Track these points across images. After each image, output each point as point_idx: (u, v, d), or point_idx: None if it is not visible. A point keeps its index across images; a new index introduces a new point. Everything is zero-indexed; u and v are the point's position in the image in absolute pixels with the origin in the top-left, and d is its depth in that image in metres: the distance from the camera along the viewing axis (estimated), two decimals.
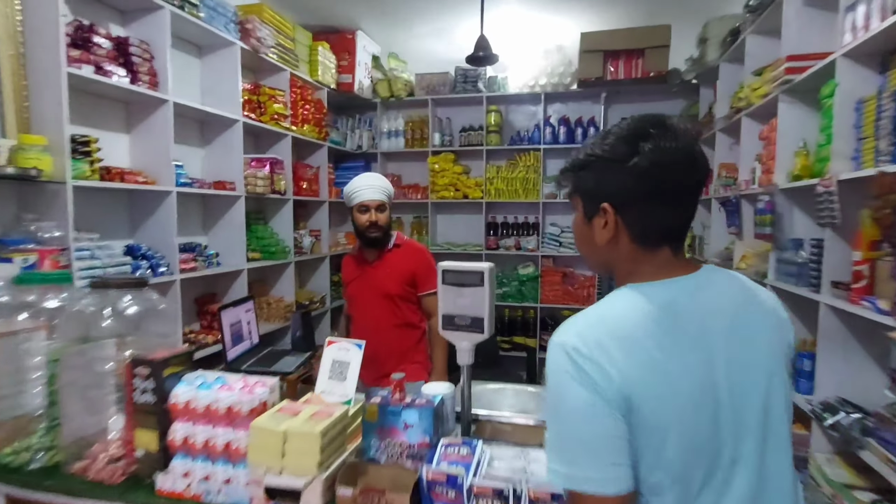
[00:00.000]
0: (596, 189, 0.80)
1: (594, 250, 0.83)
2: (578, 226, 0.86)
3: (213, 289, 3.09)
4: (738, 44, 2.92)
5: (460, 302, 1.18)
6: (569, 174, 0.86)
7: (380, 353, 2.06)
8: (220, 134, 3.01)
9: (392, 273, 2.12)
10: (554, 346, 0.72)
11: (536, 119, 4.28)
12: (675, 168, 0.75)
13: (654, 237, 0.79)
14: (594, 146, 0.80)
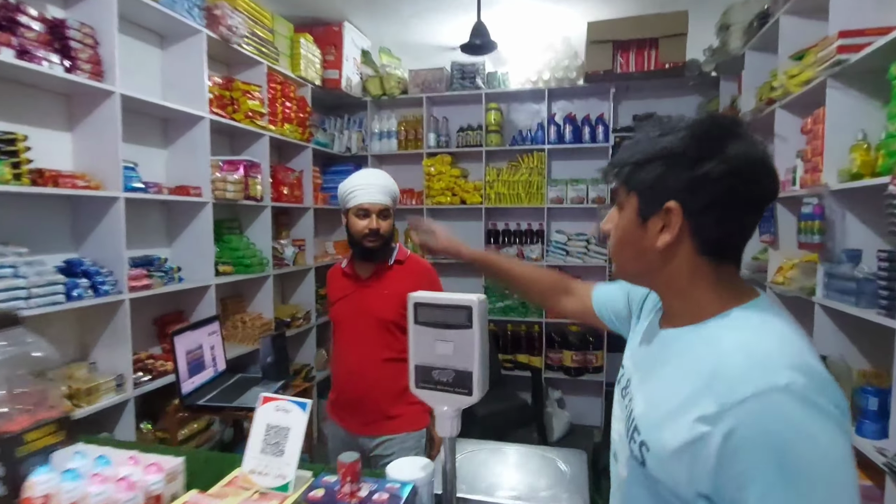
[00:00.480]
0: (663, 186, 0.70)
1: (641, 255, 0.74)
2: (624, 226, 0.75)
3: (179, 306, 2.75)
4: (767, 28, 2.58)
5: (440, 349, 0.84)
6: (626, 167, 0.74)
7: (369, 394, 1.73)
8: (185, 133, 2.68)
9: (390, 295, 1.70)
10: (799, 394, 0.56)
11: (540, 117, 3.94)
12: (759, 174, 0.67)
13: (724, 249, 0.71)
14: (667, 140, 0.70)
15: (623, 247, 0.76)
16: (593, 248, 3.79)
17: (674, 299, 0.75)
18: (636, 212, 0.73)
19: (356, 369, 1.75)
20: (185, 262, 2.68)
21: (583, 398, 3.99)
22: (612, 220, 0.78)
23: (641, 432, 0.71)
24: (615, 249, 0.78)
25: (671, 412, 0.66)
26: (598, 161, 3.87)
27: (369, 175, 1.73)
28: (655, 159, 0.70)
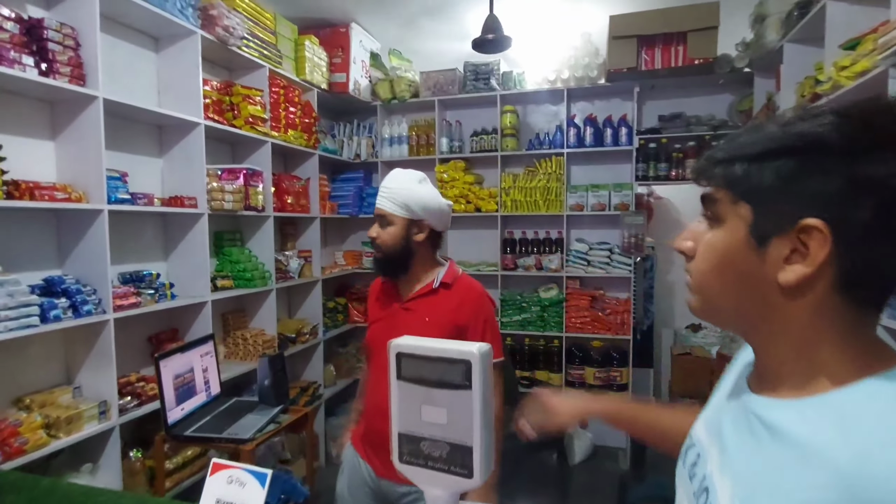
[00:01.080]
0: (799, 194, 0.49)
1: (747, 290, 0.53)
2: (726, 247, 0.55)
3: (174, 323, 2.60)
4: (812, 16, 2.33)
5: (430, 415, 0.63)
6: (734, 164, 0.53)
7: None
8: (180, 141, 2.53)
9: (432, 323, 1.45)
10: None
11: (558, 119, 3.72)
12: None
13: (873, 289, 0.50)
14: (808, 125, 0.49)
15: (718, 275, 0.55)
16: (617, 258, 3.55)
17: (784, 353, 0.53)
18: (747, 229, 0.52)
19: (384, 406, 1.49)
20: (180, 277, 2.53)
21: None
22: (697, 237, 0.58)
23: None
24: (704, 277, 0.57)
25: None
26: (621, 165, 3.63)
27: (389, 176, 1.53)
28: (791, 152, 0.49)
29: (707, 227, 0.57)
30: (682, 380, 4.06)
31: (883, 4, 1.79)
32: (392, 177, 1.51)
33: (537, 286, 3.78)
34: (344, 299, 3.96)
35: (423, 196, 1.47)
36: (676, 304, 4.75)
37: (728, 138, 0.57)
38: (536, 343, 3.73)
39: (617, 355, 3.58)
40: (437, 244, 1.55)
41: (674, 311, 4.76)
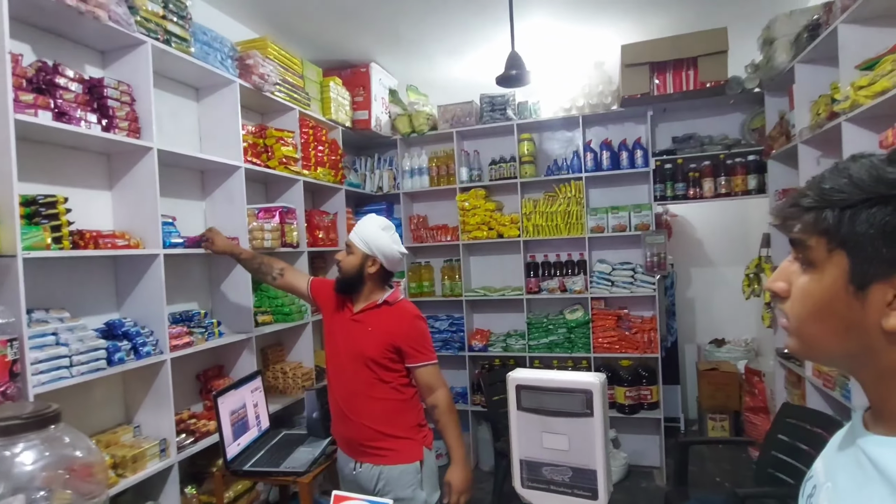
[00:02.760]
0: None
1: (850, 335, 0.54)
2: (824, 293, 0.55)
3: (220, 360, 2.67)
4: (823, 38, 2.44)
5: (551, 441, 0.70)
6: (826, 212, 0.53)
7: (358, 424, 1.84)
8: (221, 184, 2.64)
9: (373, 334, 1.84)
10: None
11: (574, 145, 3.83)
12: None
13: None
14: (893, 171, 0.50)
15: (819, 321, 0.56)
16: (640, 277, 3.61)
17: (890, 393, 0.54)
18: (846, 276, 0.53)
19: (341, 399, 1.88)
20: (226, 314, 2.61)
21: (639, 436, 3.75)
22: (790, 279, 0.59)
23: None
24: (803, 322, 0.57)
25: None
26: (638, 186, 3.73)
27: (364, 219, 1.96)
28: (882, 202, 0.49)
29: (800, 270, 0.58)
30: (710, 395, 4.08)
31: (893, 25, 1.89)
32: (365, 219, 1.93)
33: (562, 308, 3.84)
34: None
35: (381, 241, 1.86)
36: (697, 320, 4.80)
37: (811, 183, 0.57)
38: (564, 365, 3.77)
39: (646, 373, 3.61)
40: (385, 277, 1.92)
41: (695, 326, 4.80)
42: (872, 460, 0.53)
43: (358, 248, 1.87)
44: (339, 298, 1.96)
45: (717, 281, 4.62)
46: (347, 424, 1.87)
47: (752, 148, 3.47)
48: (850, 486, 0.56)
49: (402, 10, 3.05)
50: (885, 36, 2.07)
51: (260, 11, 2.99)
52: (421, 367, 1.83)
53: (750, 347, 4.36)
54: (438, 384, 1.84)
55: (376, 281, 1.90)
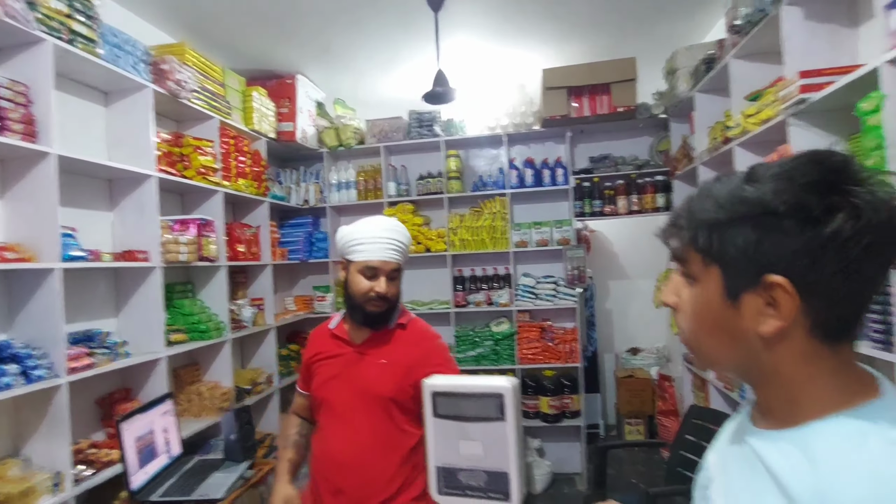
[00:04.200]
0: (760, 257, 0.53)
1: (734, 342, 0.57)
2: (704, 305, 0.59)
3: (126, 383, 2.48)
4: (717, 71, 2.69)
5: (466, 447, 0.71)
6: (699, 231, 0.57)
7: (360, 490, 1.42)
8: (131, 194, 2.48)
9: (389, 365, 1.44)
10: None
11: (499, 162, 3.96)
12: (889, 231, 0.50)
13: (845, 328, 0.55)
14: (756, 192, 0.53)
15: (708, 333, 0.59)
16: (562, 290, 3.77)
17: (773, 393, 0.58)
18: (721, 289, 0.56)
19: (342, 458, 1.44)
20: (132, 333, 2.43)
21: (562, 444, 3.87)
22: (678, 292, 0.62)
23: None
24: (697, 337, 0.61)
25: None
26: (559, 203, 3.90)
27: (381, 226, 1.44)
28: (744, 220, 0.53)
29: (685, 283, 0.61)
30: (627, 401, 4.30)
31: (777, 62, 2.12)
32: (387, 226, 1.46)
33: (489, 321, 3.91)
34: (296, 346, 3.90)
35: (338, 235, 1.49)
36: (615, 330, 5.05)
37: (684, 204, 0.61)
38: None
39: (568, 383, 3.75)
40: None
41: (613, 336, 5.05)
42: (759, 455, 0.57)
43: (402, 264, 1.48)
44: (326, 338, 1.55)
45: (633, 292, 4.90)
46: (350, 493, 1.42)
47: (660, 168, 3.75)
48: (742, 480, 0.60)
49: (331, 24, 3.05)
50: (768, 70, 2.32)
51: (177, 16, 2.87)
52: None
53: (661, 354, 4.65)
54: None
55: None
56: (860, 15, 1.87)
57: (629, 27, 3.26)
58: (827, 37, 1.89)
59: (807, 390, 0.55)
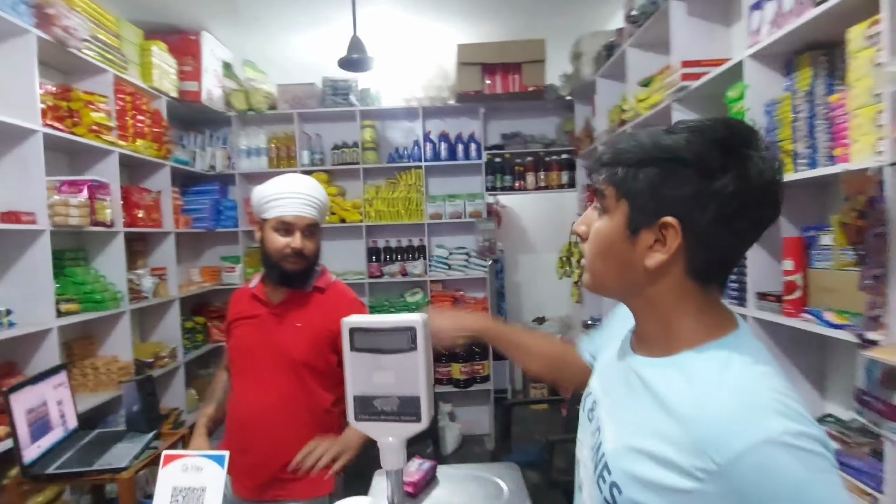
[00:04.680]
0: (662, 196, 0.61)
1: (623, 271, 0.66)
2: (608, 235, 0.66)
3: (10, 356, 2.28)
4: (616, 58, 2.91)
5: (380, 377, 0.78)
6: (619, 168, 0.64)
7: (265, 450, 1.43)
8: (12, 150, 2.25)
9: (304, 329, 1.45)
10: (789, 443, 0.53)
11: (415, 135, 4.01)
12: (774, 194, 0.61)
13: (715, 273, 0.65)
14: (673, 142, 0.60)
15: (603, 258, 0.68)
16: (473, 261, 3.93)
17: (652, 322, 0.67)
18: (625, 222, 0.64)
19: (249, 418, 1.45)
20: (16, 303, 2.23)
21: (473, 408, 4.08)
22: (589, 223, 0.70)
23: (612, 472, 0.65)
24: (594, 259, 0.69)
25: (649, 458, 0.60)
26: (473, 177, 4.03)
27: (295, 182, 1.45)
28: (657, 162, 0.61)
29: (597, 216, 0.68)
30: None
31: (666, 52, 2.35)
32: (300, 182, 1.47)
33: (403, 291, 4.00)
34: (203, 318, 3.75)
35: (253, 194, 1.48)
36: (523, 301, 5.35)
37: (611, 142, 0.69)
38: None
39: (479, 350, 3.95)
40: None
41: (521, 307, 5.35)
42: (642, 379, 0.66)
43: (319, 225, 1.48)
44: (245, 299, 1.55)
45: (540, 265, 5.20)
46: (257, 453, 1.44)
47: (565, 147, 3.99)
48: (625, 398, 0.68)
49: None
50: (659, 59, 2.54)
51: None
52: None
53: (564, 322, 5.01)
54: None
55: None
56: (733, 14, 2.12)
57: (540, 10, 3.40)
58: (706, 32, 2.12)
59: (681, 324, 0.64)
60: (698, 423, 0.57)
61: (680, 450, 0.58)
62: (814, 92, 1.48)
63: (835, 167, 1.37)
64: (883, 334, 1.16)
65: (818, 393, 1.70)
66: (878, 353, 1.12)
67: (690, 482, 0.56)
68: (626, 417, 0.67)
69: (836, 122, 1.39)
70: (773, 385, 0.58)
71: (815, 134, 1.47)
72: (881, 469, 1.22)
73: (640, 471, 0.61)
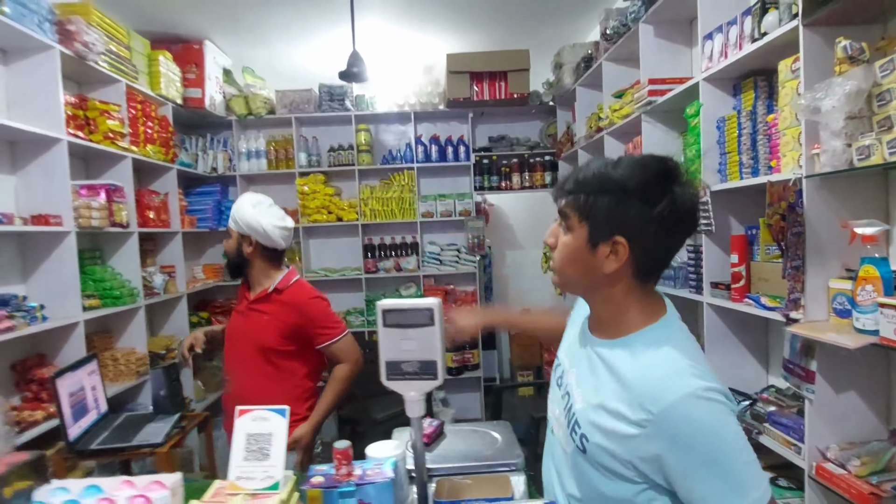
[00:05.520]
0: (613, 219, 0.80)
1: (586, 275, 0.85)
2: (573, 248, 0.85)
3: (40, 348, 2.47)
4: (593, 70, 3.17)
5: (406, 345, 1.02)
6: (577, 195, 0.84)
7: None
8: (38, 157, 2.44)
9: (270, 323, 1.79)
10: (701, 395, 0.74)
11: (407, 138, 4.23)
12: (695, 212, 0.82)
13: (654, 273, 0.86)
14: (621, 176, 0.80)
15: (568, 265, 0.87)
16: (464, 257, 4.18)
17: (606, 311, 0.87)
18: (586, 238, 0.82)
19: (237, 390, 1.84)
20: (45, 298, 2.42)
21: (464, 395, 4.34)
22: (557, 236, 0.88)
23: (582, 426, 0.84)
24: (562, 266, 0.88)
25: (608, 414, 0.80)
26: (462, 178, 4.28)
27: (238, 198, 1.92)
28: (608, 192, 0.79)
29: (563, 231, 0.87)
30: (519, 355, 4.86)
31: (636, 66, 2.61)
32: (239, 198, 1.89)
33: (398, 286, 4.24)
34: (206, 313, 3.95)
35: (250, 218, 1.80)
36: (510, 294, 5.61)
37: (572, 173, 0.86)
38: None
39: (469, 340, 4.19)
40: (272, 257, 1.86)
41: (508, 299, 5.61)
42: (600, 357, 0.86)
43: (233, 230, 1.84)
44: (241, 290, 1.94)
45: (525, 260, 5.46)
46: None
47: (548, 150, 4.25)
48: (587, 373, 0.89)
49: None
50: (631, 73, 2.81)
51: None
52: (333, 344, 1.82)
53: None
54: (346, 358, 1.84)
55: (262, 262, 1.84)
56: (693, 37, 2.39)
57: (524, 22, 3.64)
58: (670, 52, 2.39)
59: (629, 312, 0.85)
60: (640, 385, 0.78)
61: (628, 406, 0.78)
62: (755, 111, 1.76)
63: (772, 176, 1.64)
64: (801, 314, 1.43)
65: (762, 367, 1.98)
66: (797, 329, 1.40)
67: (635, 429, 0.77)
68: (589, 385, 0.87)
69: (772, 139, 1.67)
70: (693, 355, 0.80)
71: (757, 147, 1.74)
72: (803, 423, 1.50)
73: (602, 422, 0.81)
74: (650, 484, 0.80)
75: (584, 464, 0.85)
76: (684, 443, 0.74)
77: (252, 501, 0.97)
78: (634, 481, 0.81)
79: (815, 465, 1.43)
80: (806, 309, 1.43)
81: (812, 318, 1.42)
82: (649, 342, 0.82)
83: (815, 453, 1.45)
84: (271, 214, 1.83)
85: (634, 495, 0.82)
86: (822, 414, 1.44)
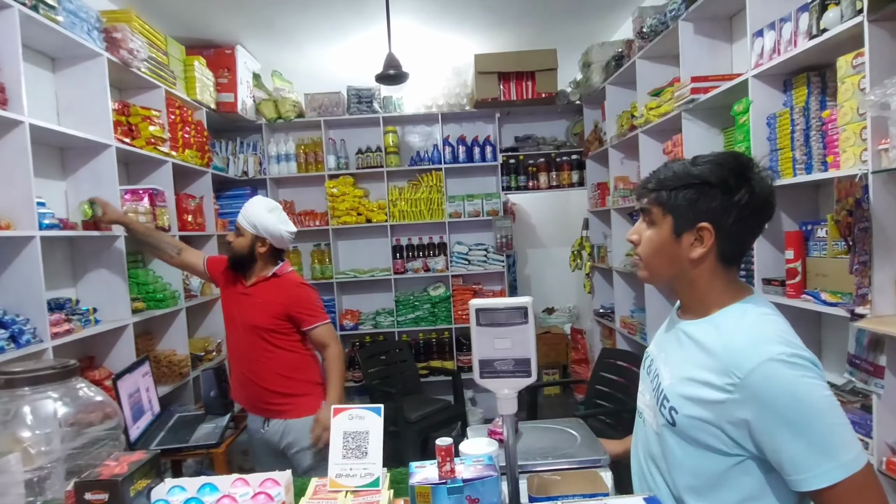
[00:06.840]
0: (697, 209, 0.89)
1: (673, 263, 0.93)
2: (658, 240, 0.93)
3: (89, 351, 2.52)
4: (625, 68, 3.18)
5: (500, 344, 1.04)
6: (659, 192, 0.92)
7: (259, 387, 2.04)
8: (88, 162, 2.49)
9: (262, 305, 2.04)
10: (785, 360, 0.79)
11: (434, 139, 4.26)
12: (772, 200, 0.89)
13: (736, 257, 0.93)
14: (701, 171, 0.88)
15: (655, 256, 0.94)
16: (492, 256, 4.20)
17: (693, 296, 0.94)
18: (671, 229, 0.91)
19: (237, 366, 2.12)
20: (94, 302, 2.46)
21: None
22: (641, 233, 0.96)
23: (670, 399, 0.90)
24: (649, 257, 0.95)
25: (696, 383, 0.86)
26: (489, 178, 4.29)
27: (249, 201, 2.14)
28: (690, 186, 0.88)
29: (646, 227, 0.95)
30: (545, 353, 4.88)
31: (673, 64, 2.61)
32: (252, 201, 2.10)
33: (426, 286, 4.26)
34: None
35: (268, 222, 2.03)
36: (533, 293, 5.62)
37: (653, 174, 0.95)
38: (429, 336, 4.21)
39: None
40: (275, 254, 2.12)
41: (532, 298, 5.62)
42: (687, 334, 0.93)
43: (247, 231, 2.05)
44: (232, 274, 2.15)
45: (548, 259, 5.48)
46: (250, 388, 2.07)
47: (575, 149, 4.26)
48: (676, 351, 0.95)
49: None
50: (667, 71, 2.82)
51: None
52: (314, 329, 2.06)
53: (573, 312, 5.30)
54: (330, 342, 2.08)
55: (267, 258, 2.10)
56: (734, 34, 2.40)
57: (551, 21, 3.66)
58: (710, 49, 2.39)
59: (714, 293, 0.92)
60: (726, 353, 0.84)
61: (714, 373, 0.84)
62: (808, 107, 1.76)
63: (827, 173, 1.65)
64: (868, 309, 1.44)
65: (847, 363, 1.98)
66: (865, 324, 1.40)
67: (723, 394, 0.82)
68: (677, 361, 0.94)
69: (827, 134, 1.67)
70: (775, 325, 0.86)
71: (810, 144, 1.74)
72: (870, 419, 1.50)
73: (690, 392, 0.87)
74: (741, 457, 0.84)
75: (674, 438, 0.90)
76: (768, 405, 0.79)
77: (356, 499, 0.99)
78: (725, 453, 0.85)
79: (886, 461, 1.43)
80: (873, 304, 1.43)
81: (879, 312, 1.43)
82: (735, 315, 0.88)
83: (885, 448, 1.45)
84: (283, 221, 2.09)
85: (726, 469, 0.85)
86: (891, 408, 1.44)
